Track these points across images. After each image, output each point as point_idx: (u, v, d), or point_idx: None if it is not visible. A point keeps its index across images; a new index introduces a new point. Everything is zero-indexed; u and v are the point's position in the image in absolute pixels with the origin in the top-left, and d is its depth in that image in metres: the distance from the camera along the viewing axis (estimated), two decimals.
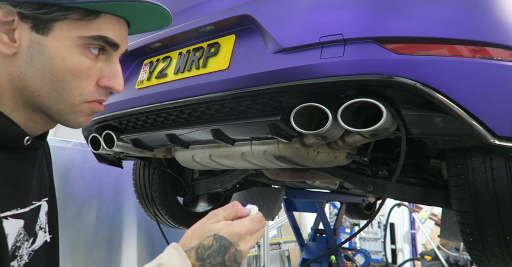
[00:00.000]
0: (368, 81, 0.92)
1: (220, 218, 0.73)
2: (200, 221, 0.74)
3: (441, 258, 5.59)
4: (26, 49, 0.62)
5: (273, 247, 5.38)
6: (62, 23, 0.63)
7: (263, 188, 2.62)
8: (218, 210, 0.74)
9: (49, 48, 0.63)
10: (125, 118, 1.46)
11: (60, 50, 0.63)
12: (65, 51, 0.64)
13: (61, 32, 0.63)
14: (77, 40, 0.64)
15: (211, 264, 0.69)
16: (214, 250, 0.69)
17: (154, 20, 0.74)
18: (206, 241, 0.70)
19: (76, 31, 0.64)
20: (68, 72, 0.65)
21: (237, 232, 0.71)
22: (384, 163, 1.54)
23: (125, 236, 2.83)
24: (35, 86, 0.64)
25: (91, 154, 1.78)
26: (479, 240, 1.09)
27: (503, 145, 0.90)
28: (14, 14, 0.60)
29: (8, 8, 0.60)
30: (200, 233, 0.72)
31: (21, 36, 0.62)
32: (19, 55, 0.63)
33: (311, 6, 1.02)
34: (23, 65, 0.63)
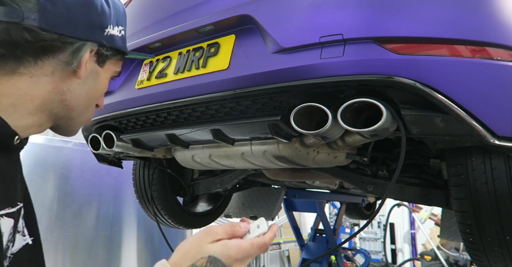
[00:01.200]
0: (368, 81, 0.92)
1: (217, 236, 0.72)
2: (196, 238, 0.72)
3: (441, 258, 5.60)
4: (85, 74, 0.78)
5: (273, 247, 5.38)
6: (112, 60, 0.84)
7: (263, 188, 2.62)
8: (216, 227, 0.73)
9: (100, 76, 0.83)
10: (125, 118, 1.46)
11: (105, 78, 0.85)
12: (106, 79, 0.85)
13: (109, 66, 0.84)
14: (113, 72, 0.87)
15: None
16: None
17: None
18: (199, 262, 0.68)
19: (115, 67, 0.87)
20: (100, 94, 0.86)
21: (233, 255, 0.70)
22: (384, 163, 1.54)
23: (125, 236, 2.83)
24: (74, 102, 0.78)
25: (91, 154, 1.78)
26: (479, 240, 1.09)
27: (503, 145, 0.90)
28: (95, 51, 0.78)
29: (95, 47, 0.78)
30: (195, 252, 0.70)
31: (88, 64, 0.78)
32: (77, 78, 0.77)
33: (311, 6, 1.02)
34: (75, 84, 0.77)
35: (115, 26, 0.82)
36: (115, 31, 0.82)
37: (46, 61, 0.71)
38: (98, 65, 0.81)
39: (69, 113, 0.79)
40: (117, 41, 0.83)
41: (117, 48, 0.83)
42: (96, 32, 0.77)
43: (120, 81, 1.51)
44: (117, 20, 0.83)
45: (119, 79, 1.51)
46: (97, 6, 0.77)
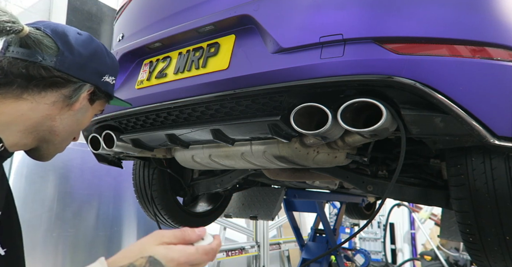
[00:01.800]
0: (368, 81, 0.92)
1: (164, 239, 0.71)
2: (143, 239, 0.72)
3: (441, 258, 5.60)
4: (77, 108, 0.93)
5: (273, 247, 5.38)
6: (100, 101, 1.01)
7: (263, 188, 2.62)
8: (166, 231, 0.73)
9: (89, 112, 1.00)
10: (125, 118, 1.46)
11: (91, 114, 1.01)
12: (91, 115, 1.02)
13: (97, 105, 1.01)
14: (97, 110, 1.03)
15: None
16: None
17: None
18: (138, 262, 0.67)
19: (100, 106, 1.04)
20: (83, 127, 1.01)
21: (175, 258, 0.68)
22: (384, 163, 1.54)
23: (125, 236, 2.82)
24: (61, 129, 0.93)
25: (91, 154, 1.78)
26: (479, 240, 1.09)
27: (503, 145, 0.90)
28: (91, 91, 0.95)
29: (92, 89, 0.95)
30: (137, 252, 0.70)
31: (82, 101, 0.94)
32: (71, 110, 0.92)
33: (311, 6, 1.02)
34: (66, 115, 0.92)
35: (110, 76, 1.02)
36: (109, 79, 1.01)
37: (49, 92, 0.86)
38: (89, 103, 0.98)
39: (53, 138, 0.93)
40: (109, 87, 1.02)
41: (108, 93, 1.02)
42: (96, 77, 0.96)
43: (120, 81, 1.51)
44: (113, 71, 1.03)
45: (119, 79, 1.51)
46: (101, 58, 0.98)
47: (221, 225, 4.86)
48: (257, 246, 5.08)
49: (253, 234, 5.17)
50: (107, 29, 3.43)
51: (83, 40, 0.96)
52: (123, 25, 1.71)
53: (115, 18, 1.84)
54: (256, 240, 5.13)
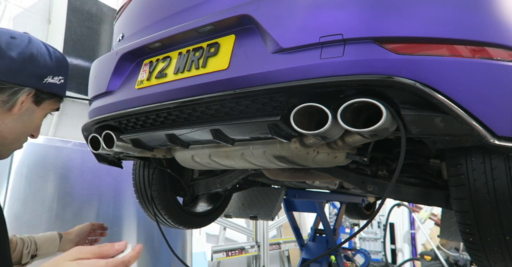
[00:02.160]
0: (367, 81, 0.92)
1: (80, 255, 0.75)
2: (60, 256, 0.77)
3: (440, 258, 5.60)
4: (22, 111, 0.97)
5: (273, 247, 5.38)
6: (49, 101, 1.05)
7: (263, 188, 2.62)
8: (84, 247, 0.78)
9: (36, 113, 1.03)
10: (125, 118, 1.46)
11: (40, 115, 1.05)
12: (41, 116, 1.06)
13: (46, 105, 1.05)
14: (50, 110, 1.08)
15: None
16: None
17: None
18: None
19: (52, 106, 1.08)
20: (34, 128, 1.06)
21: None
22: (384, 163, 1.54)
23: (125, 236, 2.82)
24: (7, 132, 0.98)
25: (91, 154, 1.78)
26: (479, 240, 1.09)
27: (503, 145, 0.90)
28: (32, 94, 0.99)
29: (32, 91, 0.99)
30: (51, 265, 0.75)
31: (25, 104, 0.98)
32: (13, 114, 0.96)
33: (311, 6, 1.01)
34: (9, 119, 0.96)
35: (55, 76, 1.04)
36: (54, 80, 1.04)
37: None
38: (34, 105, 1.02)
39: (2, 141, 0.99)
40: (54, 87, 1.05)
41: (54, 93, 1.05)
42: (35, 80, 0.98)
43: (120, 81, 1.51)
44: (58, 71, 1.05)
45: (119, 79, 1.51)
46: (39, 60, 0.99)
47: (221, 225, 4.86)
48: (257, 246, 5.08)
49: (253, 234, 5.17)
50: (107, 29, 3.43)
51: (16, 44, 0.95)
52: (123, 25, 1.71)
53: (115, 18, 1.84)
54: (256, 240, 5.13)
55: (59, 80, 1.06)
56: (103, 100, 1.55)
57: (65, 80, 1.10)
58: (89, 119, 1.64)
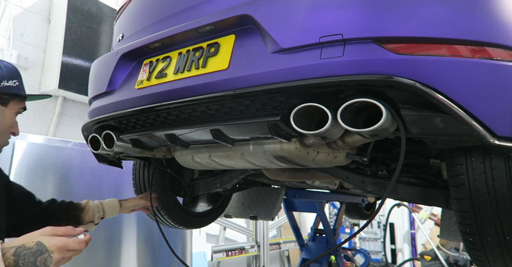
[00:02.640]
0: (367, 81, 0.92)
1: (55, 232, 0.98)
2: (37, 231, 0.99)
3: (440, 258, 5.60)
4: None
5: (273, 247, 5.38)
6: (13, 101, 1.32)
7: (263, 188, 2.62)
8: (56, 227, 1.00)
9: (6, 113, 1.30)
10: (125, 118, 1.46)
11: (10, 114, 1.32)
12: (12, 114, 1.32)
13: (12, 105, 1.32)
14: (17, 109, 1.34)
15: (24, 261, 0.91)
16: (31, 251, 0.92)
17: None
18: (29, 244, 0.94)
19: (18, 105, 1.34)
20: (8, 125, 1.32)
21: (56, 244, 0.95)
22: (384, 163, 1.54)
23: (125, 236, 2.82)
24: None
25: (91, 154, 1.78)
26: (479, 240, 1.09)
27: (502, 145, 0.90)
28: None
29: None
30: (29, 237, 0.96)
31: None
32: None
33: (311, 6, 1.02)
34: None
35: (10, 80, 1.29)
36: (9, 83, 1.29)
37: None
38: (2, 106, 1.28)
39: None
40: (12, 89, 1.30)
41: (13, 94, 1.30)
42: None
43: (120, 81, 1.51)
44: (11, 76, 1.29)
45: (119, 79, 1.51)
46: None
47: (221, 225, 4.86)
48: (257, 246, 5.08)
49: (253, 234, 5.17)
50: (107, 29, 3.43)
51: None
52: (123, 25, 1.71)
53: (115, 18, 1.84)
54: (256, 240, 5.13)
55: (14, 83, 1.30)
56: (103, 100, 1.55)
57: (19, 83, 1.35)
58: (89, 119, 1.64)
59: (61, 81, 3.04)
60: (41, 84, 3.13)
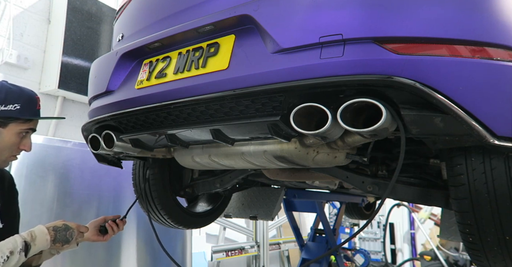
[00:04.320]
0: (367, 81, 0.92)
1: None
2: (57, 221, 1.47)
3: (440, 258, 5.60)
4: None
5: (272, 247, 5.38)
6: (14, 123, 1.41)
7: (263, 188, 2.62)
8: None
9: (4, 134, 1.40)
10: (125, 118, 1.46)
11: (9, 135, 1.41)
12: (11, 135, 1.42)
13: (12, 127, 1.41)
14: (19, 130, 1.43)
15: (60, 234, 1.41)
16: (62, 228, 1.44)
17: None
18: (58, 224, 1.45)
19: (20, 126, 1.44)
20: (9, 144, 1.42)
21: (74, 225, 1.49)
22: (384, 163, 1.54)
23: (125, 236, 2.82)
24: None
25: (91, 154, 1.78)
26: (479, 240, 1.09)
27: (502, 145, 0.90)
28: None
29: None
30: (55, 222, 1.45)
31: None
32: None
33: (310, 6, 1.02)
34: None
35: (8, 105, 1.38)
36: (8, 107, 1.38)
37: None
38: (1, 127, 1.39)
39: None
40: (11, 113, 1.39)
41: (11, 117, 1.39)
42: None
43: (120, 81, 1.51)
44: (10, 100, 1.38)
45: (119, 79, 1.51)
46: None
47: (221, 225, 4.86)
48: (257, 246, 5.08)
49: (253, 234, 5.17)
50: (107, 29, 3.43)
51: None
52: (123, 25, 1.71)
53: (115, 18, 1.84)
54: (256, 240, 5.13)
55: (14, 107, 1.40)
56: (103, 100, 1.55)
57: (22, 106, 1.42)
58: (89, 119, 1.64)
59: (61, 81, 3.04)
60: (41, 84, 3.13)
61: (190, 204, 2.43)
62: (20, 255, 1.23)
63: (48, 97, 3.16)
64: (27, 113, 1.43)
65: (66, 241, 1.42)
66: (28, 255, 1.27)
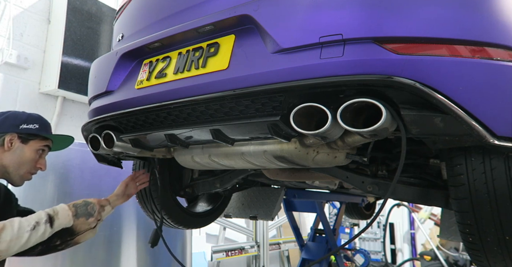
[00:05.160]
0: (367, 81, 0.92)
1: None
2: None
3: (440, 258, 5.60)
4: (14, 149, 1.54)
5: (272, 247, 5.38)
6: (34, 140, 1.60)
7: (263, 188, 2.62)
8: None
9: (25, 150, 1.57)
10: (125, 118, 1.46)
11: (29, 151, 1.58)
12: (31, 152, 1.58)
13: (33, 144, 1.59)
14: (38, 147, 1.61)
15: (80, 209, 1.56)
16: (82, 204, 1.59)
17: (63, 144, 1.80)
18: (78, 201, 1.60)
19: (39, 143, 1.62)
20: (28, 160, 1.58)
21: (94, 199, 1.64)
22: (384, 163, 1.54)
23: (125, 236, 2.82)
24: (8, 162, 1.54)
25: (91, 154, 1.78)
26: (479, 240, 1.09)
27: (502, 145, 0.90)
28: (16, 136, 1.56)
29: (14, 135, 1.55)
30: (74, 201, 1.60)
31: (14, 144, 1.55)
32: (6, 150, 1.53)
33: (310, 6, 1.02)
34: (6, 154, 1.53)
35: (30, 124, 1.58)
36: (29, 126, 1.57)
37: None
38: (22, 143, 1.55)
39: (6, 169, 1.53)
40: (31, 130, 1.57)
41: (32, 134, 1.58)
42: (13, 128, 1.54)
43: (120, 81, 1.51)
44: (29, 121, 1.58)
45: (119, 79, 1.51)
46: (16, 116, 1.58)
47: (221, 225, 4.86)
48: (257, 246, 5.08)
49: (253, 234, 5.17)
50: (107, 29, 3.43)
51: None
52: (122, 25, 1.71)
53: (115, 18, 1.84)
54: (256, 240, 5.13)
55: (34, 126, 1.59)
56: (103, 100, 1.55)
57: (40, 126, 1.61)
58: (89, 119, 1.64)
59: (61, 81, 3.04)
60: (41, 84, 3.13)
61: (190, 204, 2.43)
62: (45, 226, 1.41)
63: (48, 97, 3.16)
64: (44, 132, 1.62)
65: (89, 214, 1.57)
66: (53, 226, 1.44)
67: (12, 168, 1.53)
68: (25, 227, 1.35)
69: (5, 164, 1.52)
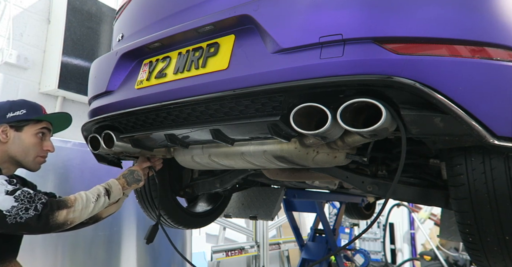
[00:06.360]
0: (367, 81, 0.92)
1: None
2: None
3: (440, 258, 5.60)
4: (11, 139, 1.54)
5: (272, 247, 5.38)
6: (28, 126, 1.58)
7: (263, 188, 2.62)
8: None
9: (22, 137, 1.56)
10: (125, 118, 1.46)
11: (28, 137, 1.57)
12: (30, 136, 1.58)
13: (28, 129, 1.58)
14: (34, 131, 1.59)
15: (128, 178, 1.71)
16: (127, 174, 1.72)
17: (63, 122, 1.77)
18: (124, 172, 1.74)
19: (35, 127, 1.60)
20: (30, 146, 1.57)
21: (136, 167, 1.76)
22: (384, 163, 1.54)
23: (125, 236, 2.82)
24: (13, 152, 1.55)
25: (91, 154, 1.78)
26: (478, 240, 1.09)
27: (502, 145, 0.90)
28: (7, 127, 1.55)
29: (4, 125, 1.55)
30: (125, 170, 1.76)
31: (9, 134, 1.54)
32: (8, 141, 1.54)
33: (310, 6, 1.02)
34: (9, 145, 1.54)
35: (16, 111, 1.56)
36: (16, 113, 1.56)
37: None
38: (16, 131, 1.55)
39: (15, 159, 1.56)
40: (19, 117, 1.56)
41: (21, 120, 1.56)
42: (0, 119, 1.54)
43: (120, 81, 1.51)
44: (16, 108, 1.57)
45: (119, 79, 1.51)
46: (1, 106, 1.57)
47: (221, 225, 4.86)
48: (257, 246, 5.08)
49: (253, 234, 5.17)
50: (107, 29, 3.43)
51: None
52: (122, 25, 1.71)
53: (115, 18, 1.84)
54: (255, 240, 5.13)
55: (21, 112, 1.57)
56: (103, 100, 1.55)
57: (28, 111, 1.59)
58: (88, 119, 1.64)
59: (61, 81, 3.04)
60: (41, 84, 3.13)
61: (190, 204, 2.43)
62: (105, 198, 1.57)
63: (48, 97, 3.16)
64: (34, 115, 1.60)
65: (138, 180, 1.72)
66: (110, 198, 1.59)
67: (20, 156, 1.55)
68: (90, 198, 1.53)
69: (12, 154, 1.54)
